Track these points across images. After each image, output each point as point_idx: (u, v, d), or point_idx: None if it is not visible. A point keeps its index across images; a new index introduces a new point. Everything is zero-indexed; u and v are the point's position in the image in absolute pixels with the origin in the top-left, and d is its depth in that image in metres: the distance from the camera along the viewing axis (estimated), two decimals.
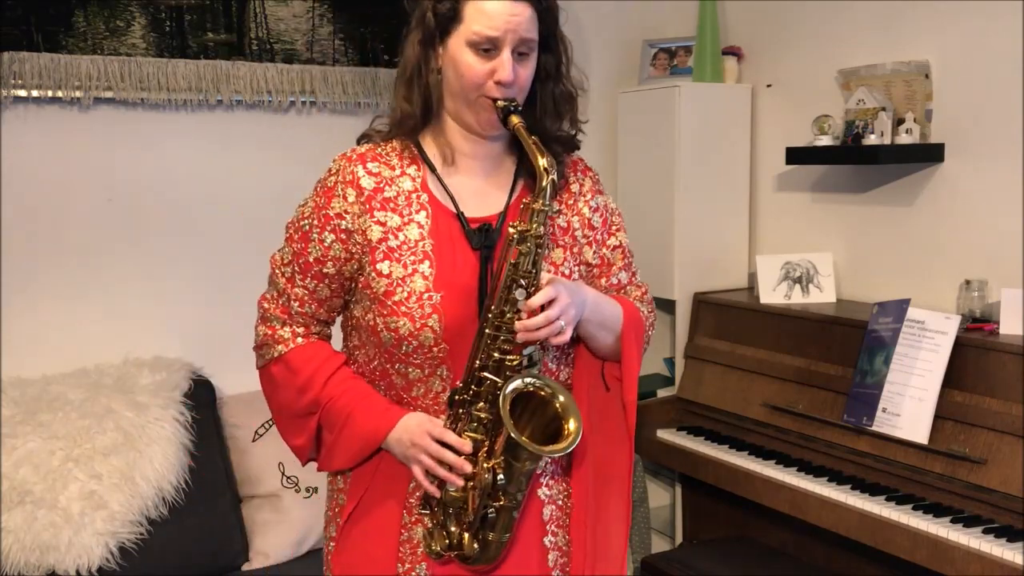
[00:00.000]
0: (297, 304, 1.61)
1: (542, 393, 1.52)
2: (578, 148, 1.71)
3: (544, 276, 1.53)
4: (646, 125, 3.24)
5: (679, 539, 3.24)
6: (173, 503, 2.49)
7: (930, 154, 2.69)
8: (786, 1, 3.13)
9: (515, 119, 1.50)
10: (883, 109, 2.70)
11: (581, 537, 1.65)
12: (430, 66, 1.56)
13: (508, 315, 1.49)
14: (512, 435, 1.44)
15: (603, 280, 1.72)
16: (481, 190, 1.61)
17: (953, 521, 2.20)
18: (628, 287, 1.76)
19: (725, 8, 3.32)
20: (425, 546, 1.57)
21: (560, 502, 1.67)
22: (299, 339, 1.62)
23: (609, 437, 1.67)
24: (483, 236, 1.57)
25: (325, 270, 1.58)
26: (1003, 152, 2.55)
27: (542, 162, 1.48)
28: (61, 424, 2.43)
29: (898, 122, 2.73)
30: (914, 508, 2.28)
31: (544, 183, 1.48)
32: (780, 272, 2.98)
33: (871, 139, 2.70)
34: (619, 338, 1.64)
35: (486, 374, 1.50)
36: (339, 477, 1.69)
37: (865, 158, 2.75)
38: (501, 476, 1.48)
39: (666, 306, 3.37)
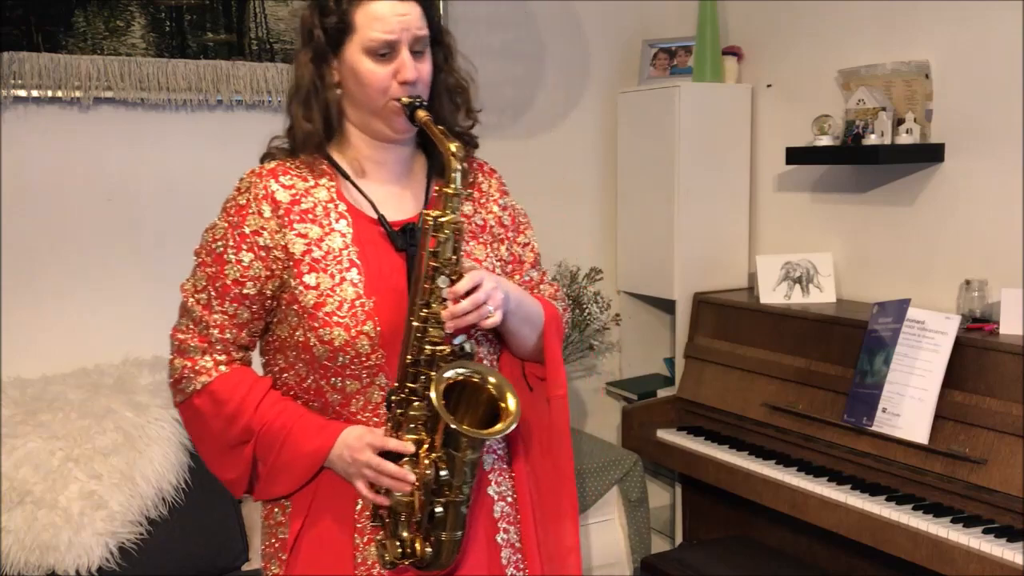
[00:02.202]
0: (217, 331, 1.55)
1: (474, 380, 1.50)
2: (477, 146, 1.70)
3: (466, 263, 1.52)
4: (646, 125, 3.24)
5: (679, 539, 3.24)
6: (173, 503, 2.49)
7: (930, 154, 2.69)
8: (786, 1, 3.13)
9: (422, 114, 1.50)
10: (883, 109, 2.70)
11: (531, 536, 1.65)
12: (326, 82, 1.55)
13: (434, 306, 1.47)
14: (448, 423, 1.43)
15: (516, 277, 1.72)
16: (396, 194, 1.60)
17: (953, 521, 2.20)
18: (541, 285, 1.76)
19: (725, 8, 3.32)
20: (379, 558, 1.52)
21: (510, 498, 1.67)
22: (222, 367, 1.56)
23: (541, 435, 1.67)
24: (407, 236, 1.56)
25: (245, 291, 1.53)
26: (1003, 152, 2.55)
27: (452, 147, 1.47)
28: (61, 424, 2.43)
29: (898, 122, 2.73)
30: (914, 508, 2.28)
31: (454, 167, 1.48)
32: (780, 272, 2.98)
33: (871, 139, 2.70)
34: (541, 335, 1.64)
35: (419, 369, 1.48)
36: (276, 511, 1.63)
37: (865, 158, 2.75)
38: (444, 471, 1.46)
39: (666, 306, 3.37)
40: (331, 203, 1.56)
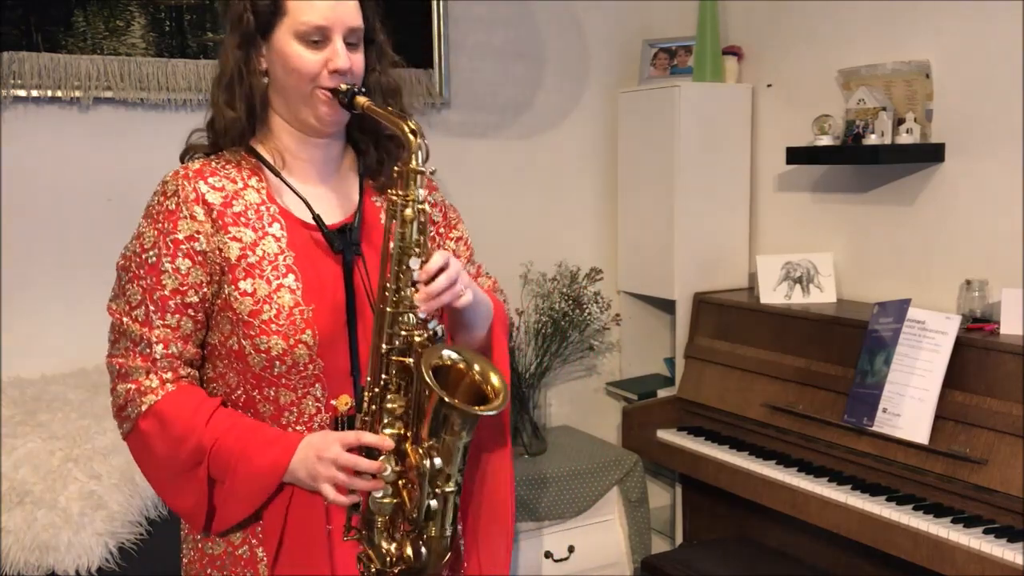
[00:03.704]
0: (161, 347, 1.45)
1: (460, 367, 1.44)
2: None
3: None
4: (646, 125, 3.24)
5: (679, 539, 3.24)
6: None
7: (930, 154, 2.69)
8: (786, 1, 3.13)
9: (362, 99, 1.44)
10: (883, 109, 2.70)
11: (471, 532, 1.63)
12: (251, 67, 1.48)
13: (404, 290, 1.41)
14: (445, 399, 1.36)
15: None
16: (326, 194, 1.55)
17: (954, 521, 2.20)
18: (479, 279, 1.72)
19: (725, 8, 3.32)
20: (365, 572, 1.45)
21: None
22: (168, 385, 1.45)
23: (481, 433, 1.61)
24: (345, 237, 1.51)
25: (187, 300, 1.45)
26: (1003, 152, 2.55)
27: (410, 125, 1.41)
28: (61, 424, 2.42)
29: (898, 122, 2.72)
30: (915, 508, 2.28)
31: (414, 145, 1.41)
32: (780, 272, 2.98)
33: (871, 139, 2.70)
34: (489, 330, 1.60)
35: (394, 358, 1.41)
36: (238, 550, 1.52)
37: (865, 158, 2.74)
38: (438, 460, 1.38)
39: (666, 306, 3.37)
40: (263, 205, 1.49)
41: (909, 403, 2.37)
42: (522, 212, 3.37)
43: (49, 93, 2.61)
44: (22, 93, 2.59)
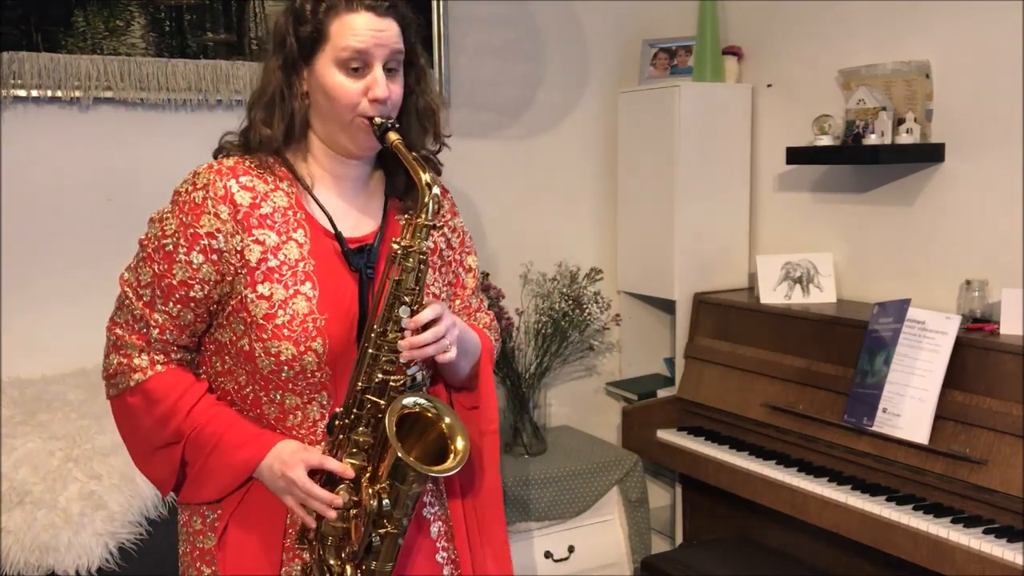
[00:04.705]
0: (157, 331, 1.49)
1: (428, 415, 1.50)
2: (440, 172, 1.67)
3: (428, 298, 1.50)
4: (646, 125, 3.24)
5: (679, 539, 3.24)
6: (173, 503, 2.49)
7: (930, 154, 2.69)
8: (786, 1, 3.13)
9: (393, 136, 1.46)
10: (883, 109, 2.70)
11: (465, 551, 1.65)
12: (293, 91, 1.51)
13: (391, 335, 1.45)
14: (400, 456, 1.41)
15: (457, 302, 1.70)
16: (353, 210, 1.57)
17: (954, 521, 2.20)
18: (478, 313, 1.75)
19: (725, 8, 3.32)
20: None
21: (444, 517, 1.67)
22: (158, 367, 1.51)
23: (470, 464, 1.64)
24: (362, 257, 1.53)
25: (192, 294, 1.48)
26: (1003, 152, 2.55)
27: (425, 177, 1.44)
28: (60, 424, 2.42)
29: (898, 122, 2.72)
30: (915, 508, 2.28)
31: (427, 198, 1.44)
32: (780, 272, 2.98)
33: (871, 139, 2.70)
34: (475, 366, 1.63)
35: (368, 396, 1.46)
36: (195, 518, 1.59)
37: (865, 158, 2.75)
38: (387, 501, 1.43)
39: (666, 306, 3.37)
40: (290, 210, 1.51)
41: (909, 403, 2.37)
42: (522, 212, 3.37)
43: (49, 93, 2.61)
44: (22, 93, 2.59)
